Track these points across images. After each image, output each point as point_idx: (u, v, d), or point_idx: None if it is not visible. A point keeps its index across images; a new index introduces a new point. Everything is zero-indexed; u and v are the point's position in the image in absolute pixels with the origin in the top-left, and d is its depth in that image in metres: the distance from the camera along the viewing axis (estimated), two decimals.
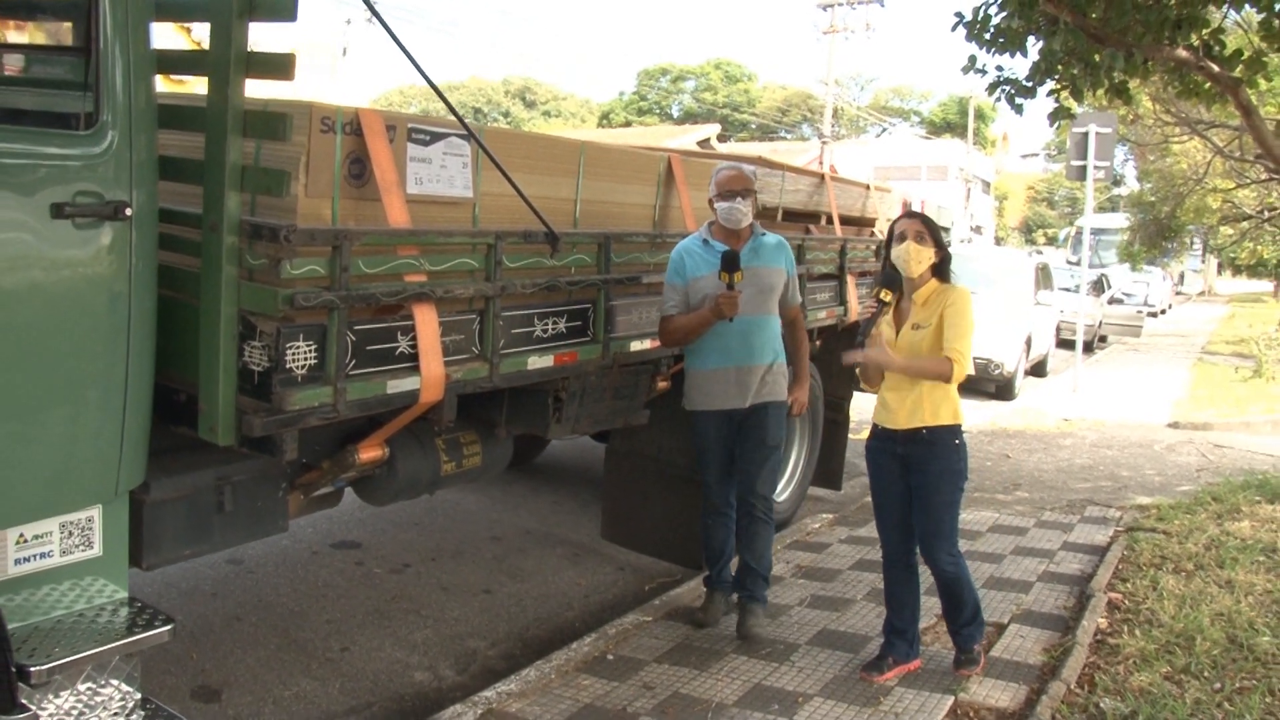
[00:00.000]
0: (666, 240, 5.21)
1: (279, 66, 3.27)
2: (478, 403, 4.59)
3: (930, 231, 4.44)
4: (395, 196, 3.72)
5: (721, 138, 36.88)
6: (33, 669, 2.85)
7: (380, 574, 5.96)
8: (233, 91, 3.22)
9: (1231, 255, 35.21)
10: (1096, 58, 7.06)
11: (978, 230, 48.02)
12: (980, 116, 60.63)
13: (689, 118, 69.48)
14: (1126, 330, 23.11)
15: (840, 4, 36.60)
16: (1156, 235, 26.27)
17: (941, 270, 4.48)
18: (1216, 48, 7.08)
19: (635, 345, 5.01)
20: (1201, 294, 51.16)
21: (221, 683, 4.56)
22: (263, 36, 3.73)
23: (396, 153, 3.78)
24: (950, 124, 66.84)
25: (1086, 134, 14.21)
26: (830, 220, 7.69)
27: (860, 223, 8.51)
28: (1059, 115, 8.31)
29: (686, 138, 30.74)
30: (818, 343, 7.08)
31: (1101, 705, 4.27)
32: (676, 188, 5.54)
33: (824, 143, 36.47)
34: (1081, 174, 14.55)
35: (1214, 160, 22.21)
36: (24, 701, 2.83)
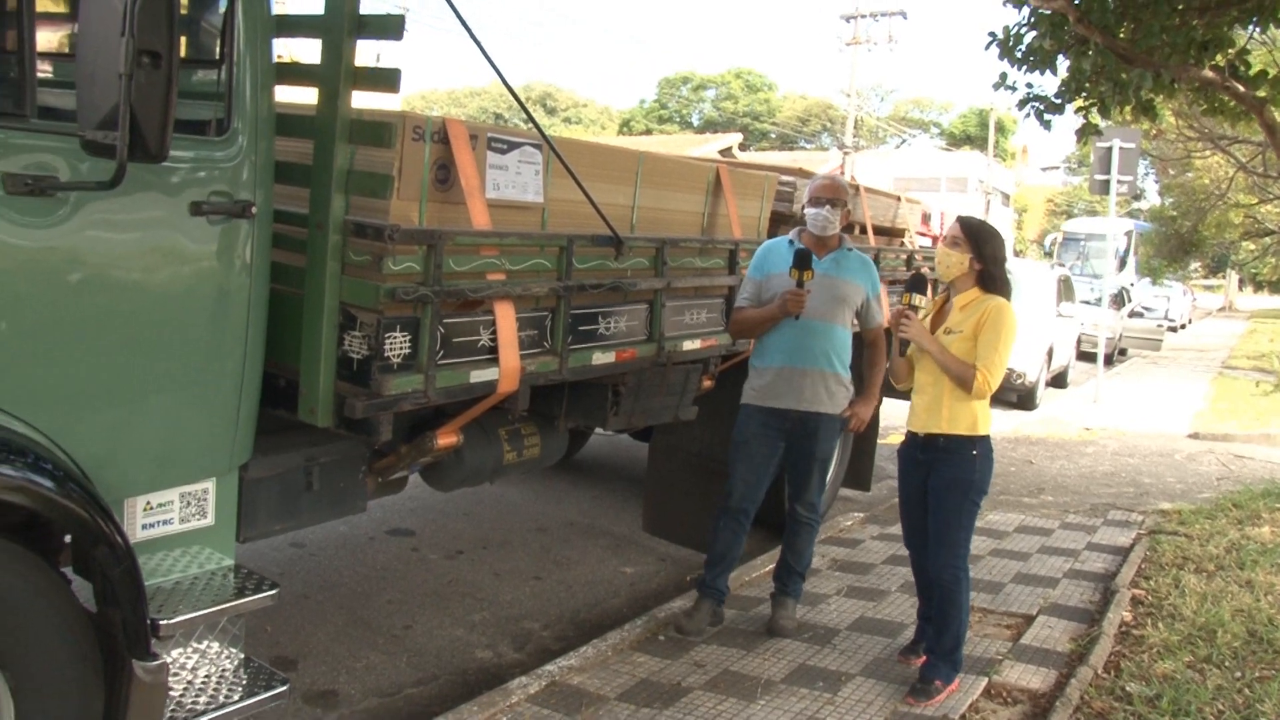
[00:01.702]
0: (715, 246, 5.49)
1: (385, 81, 3.58)
2: (539, 396, 4.88)
3: (969, 237, 4.47)
4: (478, 200, 4.01)
5: (742, 147, 37.18)
6: (163, 623, 3.15)
7: (435, 559, 6.27)
8: (341, 102, 3.52)
9: (1254, 271, 35.27)
10: (1124, 76, 7.33)
11: None
12: (1000, 129, 60.73)
13: (709, 126, 69.76)
14: (1147, 344, 23.30)
15: (863, 16, 36.88)
16: (1178, 250, 26.42)
17: (986, 280, 4.47)
18: (1242, 68, 7.35)
19: (687, 344, 5.29)
20: (1222, 309, 51.18)
21: (297, 654, 4.85)
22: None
23: (478, 160, 4.08)
24: (970, 136, 66.91)
25: (1110, 149, 14.44)
26: (864, 230, 7.97)
27: (891, 233, 8.77)
28: (1086, 132, 8.57)
29: (708, 146, 31.00)
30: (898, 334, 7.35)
31: (1128, 689, 4.54)
32: (724, 196, 5.82)
33: (845, 153, 36.75)
34: (1105, 188, 14.79)
35: (1236, 175, 22.40)
36: (155, 650, 3.13)
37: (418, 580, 5.91)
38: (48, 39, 3.83)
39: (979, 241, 4.48)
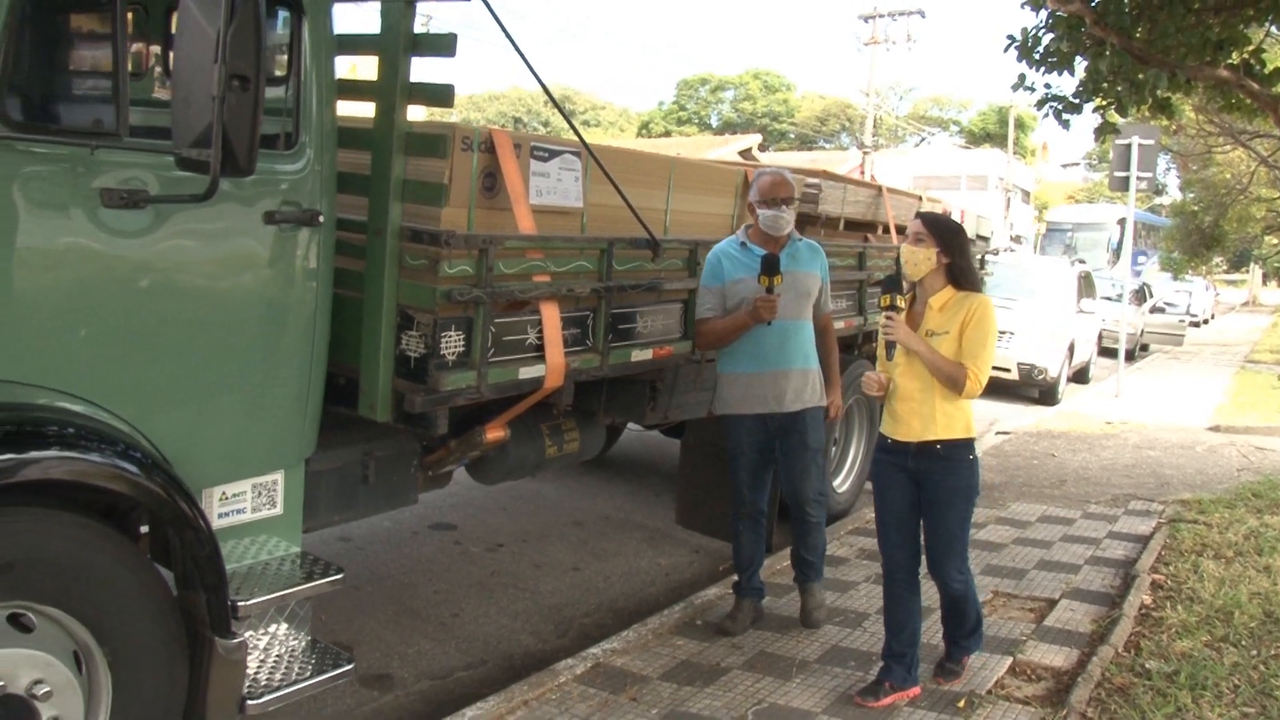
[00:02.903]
0: None
1: (439, 96, 3.83)
2: (579, 392, 5.10)
3: (932, 232, 4.23)
4: (523, 206, 4.25)
5: (761, 148, 37.37)
6: (241, 604, 3.39)
7: (477, 552, 6.50)
8: (398, 116, 3.77)
9: (1277, 265, 35.10)
10: (1141, 76, 7.50)
11: (1018, 240, 48.18)
12: (1020, 126, 60.65)
13: (728, 127, 69.92)
14: (1168, 339, 23.37)
15: (881, 16, 36.97)
16: (1200, 245, 26.44)
17: (956, 275, 4.25)
18: (1257, 66, 7.51)
19: None
20: (1246, 304, 51.03)
21: (350, 640, 5.09)
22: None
23: (522, 167, 4.32)
24: (990, 134, 66.84)
25: (1130, 146, 14.56)
26: (887, 230, 8.17)
27: None
28: (1104, 131, 8.74)
29: (728, 148, 31.28)
30: (870, 344, 7.55)
31: (1147, 666, 4.73)
32: None
33: (865, 153, 36.86)
34: (1125, 185, 14.91)
35: (1258, 170, 22.44)
36: (235, 629, 3.37)
37: (461, 572, 6.15)
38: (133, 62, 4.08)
39: (943, 235, 4.25)
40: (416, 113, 4.03)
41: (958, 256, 4.24)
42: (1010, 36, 7.99)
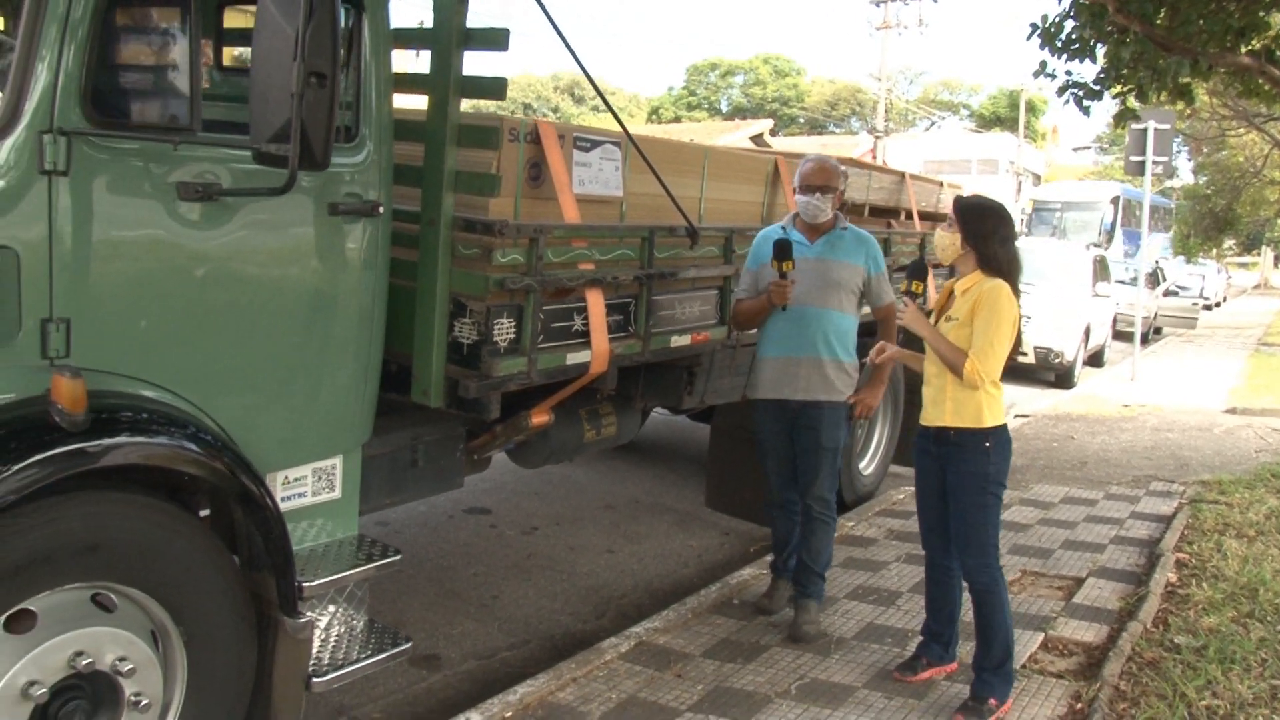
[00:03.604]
0: None
1: (491, 90, 3.93)
2: (619, 378, 5.21)
3: (959, 216, 4.23)
4: (567, 196, 4.35)
5: (772, 132, 37.38)
6: (306, 585, 3.51)
7: (513, 535, 6.63)
8: (451, 109, 3.86)
9: None
10: (1162, 63, 7.58)
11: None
12: (1031, 109, 60.48)
13: (738, 112, 69.78)
14: (1182, 322, 23.43)
15: (893, 0, 36.96)
16: (1212, 227, 26.43)
17: (985, 261, 4.19)
18: (1278, 51, 7.59)
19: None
20: (1258, 287, 50.96)
21: (396, 622, 5.21)
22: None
23: (565, 157, 4.41)
24: (1000, 117, 66.62)
25: (1145, 130, 14.60)
26: (909, 215, 8.26)
27: (934, 218, 9.03)
28: (1124, 116, 8.84)
29: (739, 133, 31.31)
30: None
31: (1176, 640, 4.84)
32: (782, 186, 6.14)
33: (877, 138, 36.87)
34: (1140, 169, 14.96)
35: (1272, 153, 22.45)
36: (301, 610, 3.48)
37: (499, 555, 6.27)
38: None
39: (966, 219, 4.23)
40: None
41: (982, 241, 4.17)
42: (1033, 24, 8.09)
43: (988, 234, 4.19)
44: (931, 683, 4.46)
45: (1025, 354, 13.87)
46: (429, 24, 3.97)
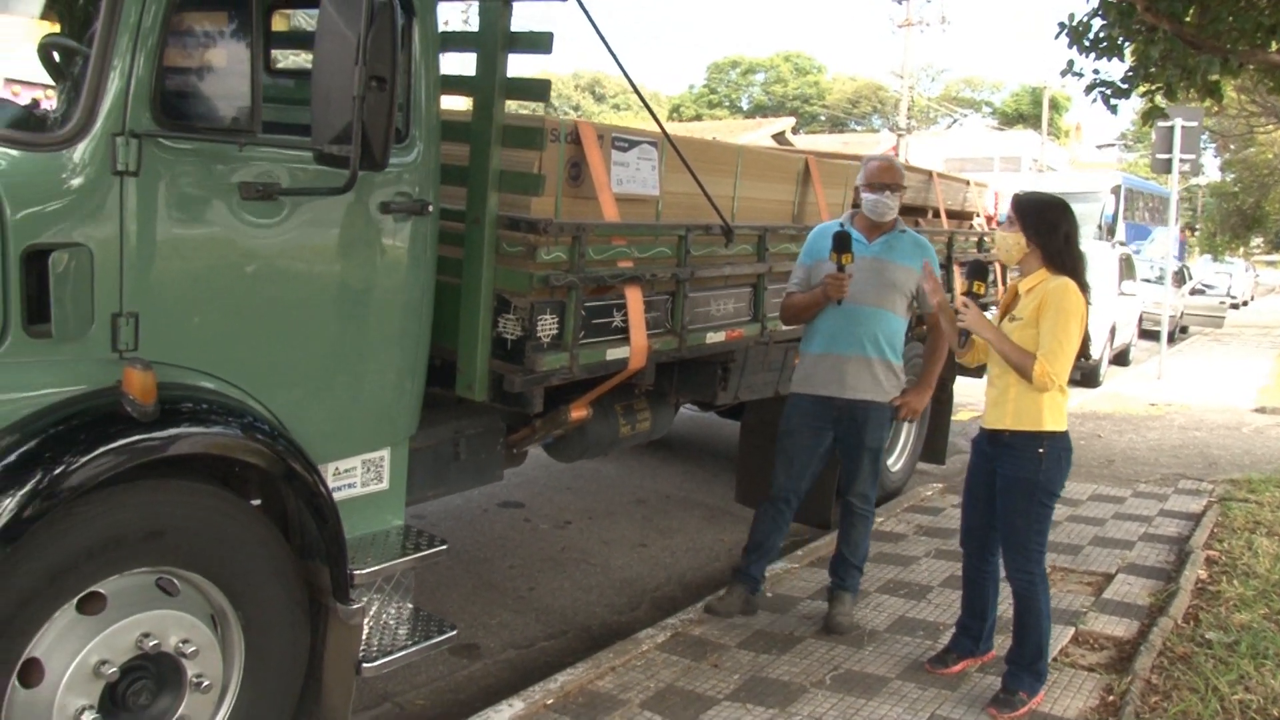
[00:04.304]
0: (808, 232, 5.87)
1: (535, 91, 4.03)
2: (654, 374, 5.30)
3: (1019, 214, 4.17)
4: (607, 195, 4.45)
5: (793, 130, 37.42)
6: (356, 573, 3.61)
7: (547, 529, 6.73)
8: (496, 110, 3.96)
9: None
10: (1191, 61, 7.60)
11: None
12: (1054, 106, 60.23)
13: (758, 110, 69.76)
14: (1208, 321, 23.35)
15: None
16: (1240, 226, 26.31)
17: (1050, 258, 4.12)
18: None
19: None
20: None
21: (436, 613, 5.30)
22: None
23: (604, 157, 4.50)
24: (1023, 114, 66.36)
25: (1172, 128, 14.59)
26: (937, 214, 8.32)
27: (961, 216, 9.10)
28: (1151, 115, 8.86)
29: (761, 131, 31.36)
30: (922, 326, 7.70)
31: (1207, 636, 4.89)
32: (813, 185, 6.21)
33: (899, 135, 36.82)
34: (1167, 167, 14.96)
35: None
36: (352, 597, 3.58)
37: (533, 548, 6.37)
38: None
39: (1025, 216, 4.16)
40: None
41: (1046, 237, 4.11)
42: (1061, 23, 8.12)
43: (1050, 230, 4.12)
44: (964, 675, 4.53)
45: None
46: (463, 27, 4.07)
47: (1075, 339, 4.04)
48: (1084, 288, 4.11)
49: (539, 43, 3.97)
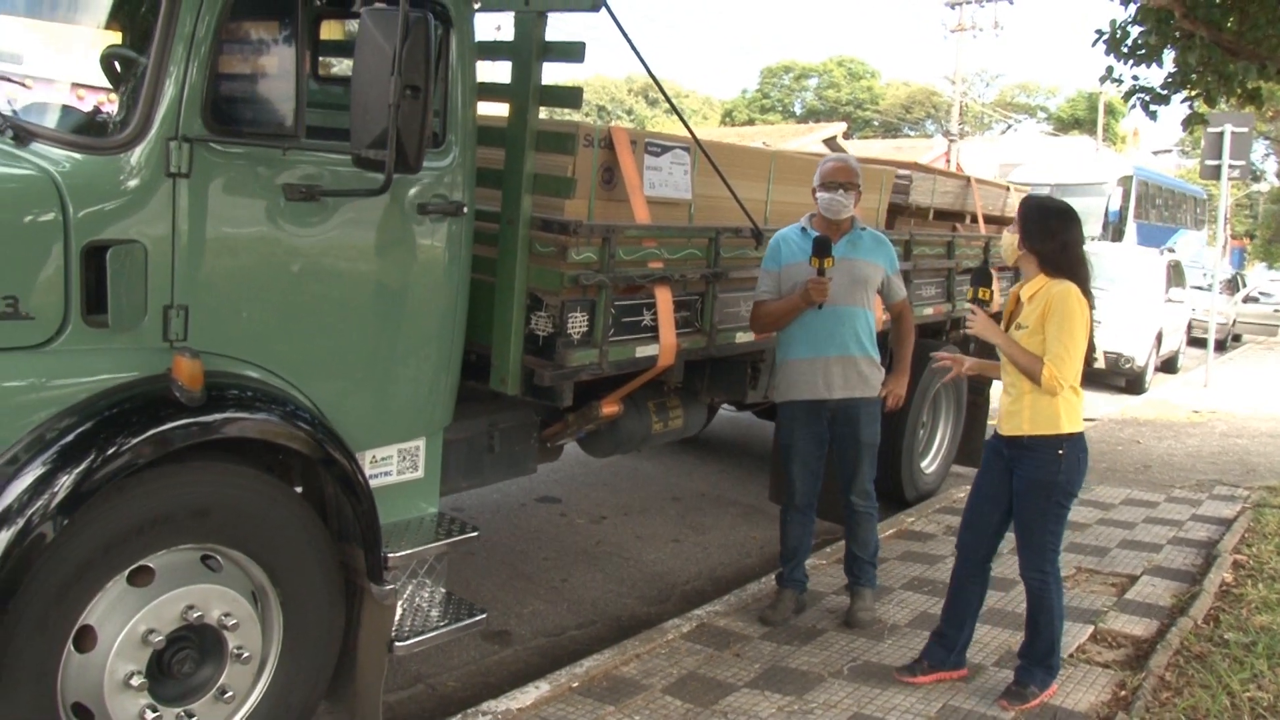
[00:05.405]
0: None
1: (568, 98, 4.20)
2: (685, 372, 5.44)
3: (1019, 218, 4.21)
4: (639, 198, 4.61)
5: (845, 135, 37.36)
6: (391, 556, 3.79)
7: (582, 524, 6.91)
8: (530, 116, 4.14)
9: None
10: (1230, 68, 7.64)
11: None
12: (1110, 112, 59.49)
13: (811, 115, 69.49)
14: (1262, 329, 23.09)
15: (969, 2, 36.72)
16: None
17: (1048, 263, 4.15)
18: None
19: None
20: None
21: (471, 600, 5.49)
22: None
23: (637, 161, 4.67)
24: (1079, 120, 65.64)
25: (1222, 133, 14.51)
26: (974, 219, 8.40)
27: (1000, 221, 9.15)
28: (1192, 121, 8.88)
29: (812, 136, 31.36)
30: (964, 330, 7.78)
31: (1225, 636, 4.96)
32: None
33: (951, 141, 36.65)
34: (1216, 173, 14.87)
35: None
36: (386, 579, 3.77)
37: (568, 541, 6.55)
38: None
39: (1027, 221, 4.20)
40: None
41: (1040, 242, 4.14)
42: (1099, 30, 8.18)
43: (1046, 235, 4.14)
44: (979, 668, 4.64)
45: (1097, 359, 13.73)
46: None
47: (1081, 342, 4.10)
48: (1087, 293, 4.16)
49: (571, 53, 4.15)
